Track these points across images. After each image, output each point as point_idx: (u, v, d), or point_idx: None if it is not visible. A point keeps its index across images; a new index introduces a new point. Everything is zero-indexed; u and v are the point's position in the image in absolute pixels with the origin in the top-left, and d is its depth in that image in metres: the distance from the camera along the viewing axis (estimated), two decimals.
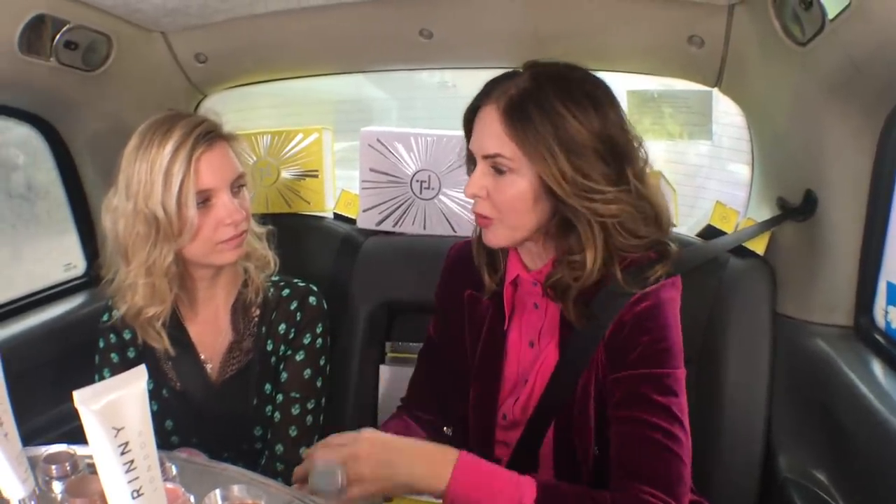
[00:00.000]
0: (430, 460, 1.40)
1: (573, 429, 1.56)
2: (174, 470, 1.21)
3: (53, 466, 1.19)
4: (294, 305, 2.03)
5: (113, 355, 2.03)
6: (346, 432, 1.46)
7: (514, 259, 1.70)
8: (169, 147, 1.76)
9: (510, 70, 1.59)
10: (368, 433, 1.43)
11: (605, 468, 1.52)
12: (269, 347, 2.01)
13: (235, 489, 1.10)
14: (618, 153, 1.50)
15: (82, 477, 1.14)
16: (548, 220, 1.54)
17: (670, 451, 1.44)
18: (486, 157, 1.52)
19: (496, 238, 1.58)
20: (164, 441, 1.99)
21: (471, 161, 1.63)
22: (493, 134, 1.50)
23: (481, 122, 1.54)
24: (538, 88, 1.48)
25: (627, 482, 1.43)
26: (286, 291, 2.05)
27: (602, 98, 1.52)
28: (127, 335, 2.01)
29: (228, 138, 1.89)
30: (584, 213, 1.47)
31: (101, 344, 2.04)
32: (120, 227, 1.84)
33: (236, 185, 1.87)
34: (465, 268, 1.78)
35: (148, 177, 1.76)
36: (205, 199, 1.81)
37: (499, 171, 1.50)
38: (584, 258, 1.50)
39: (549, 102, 1.46)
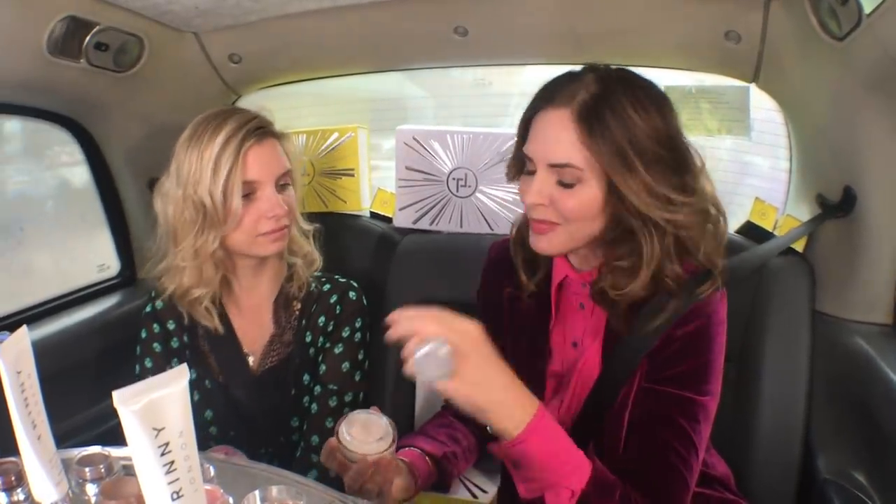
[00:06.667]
0: (516, 400, 1.34)
1: (605, 438, 1.53)
2: (212, 471, 1.21)
3: (87, 468, 1.18)
4: (334, 299, 2.07)
5: (155, 345, 2.08)
6: (454, 315, 1.35)
7: (561, 259, 1.66)
8: (220, 138, 1.84)
9: (568, 71, 1.52)
10: (477, 331, 1.32)
11: None
12: (308, 339, 2.05)
13: (274, 490, 1.10)
14: (681, 160, 1.46)
15: (117, 479, 1.14)
16: (607, 230, 1.49)
17: (682, 477, 1.43)
18: (552, 165, 1.46)
19: (553, 245, 1.53)
20: (204, 431, 2.04)
21: (517, 163, 1.60)
22: (564, 141, 1.43)
23: (547, 127, 1.47)
24: (610, 92, 1.42)
25: (633, 492, 1.41)
26: (327, 286, 2.10)
27: (662, 101, 1.47)
28: (171, 325, 2.08)
29: (279, 136, 1.97)
30: (661, 225, 1.43)
31: (144, 334, 2.10)
32: (170, 211, 1.93)
33: (282, 182, 1.94)
34: (506, 267, 1.75)
35: (198, 165, 1.85)
36: (250, 192, 1.88)
37: (563, 183, 1.45)
38: (635, 268, 1.47)
39: (623, 107, 1.40)
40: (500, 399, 1.33)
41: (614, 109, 1.40)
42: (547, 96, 1.49)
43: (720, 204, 1.55)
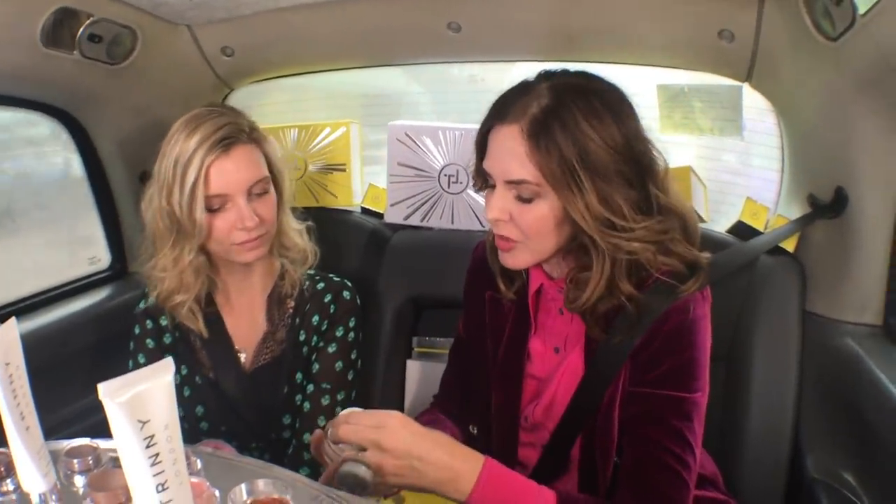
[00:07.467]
0: (454, 473, 1.36)
1: (595, 437, 1.53)
2: (199, 464, 1.22)
3: (75, 460, 1.20)
4: (328, 298, 2.06)
5: (149, 341, 2.07)
6: (374, 412, 1.41)
7: (535, 268, 1.64)
8: (189, 147, 1.81)
9: (522, 81, 1.49)
10: (397, 422, 1.36)
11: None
12: (302, 337, 2.05)
13: (261, 483, 1.09)
14: (640, 170, 1.43)
15: (105, 471, 1.13)
16: (568, 242, 1.48)
17: (679, 476, 1.42)
18: (508, 182, 1.44)
19: (517, 261, 1.52)
20: (194, 426, 2.04)
21: (480, 177, 1.56)
22: (517, 158, 1.40)
23: (501, 143, 1.44)
24: (561, 105, 1.39)
25: (635, 501, 1.42)
26: (321, 285, 2.09)
27: (621, 107, 1.44)
28: (163, 321, 2.06)
29: (256, 141, 1.92)
30: (602, 248, 1.42)
31: (137, 330, 2.09)
32: (149, 218, 1.92)
33: (256, 190, 1.89)
34: (488, 268, 1.72)
35: (171, 174, 1.82)
36: (220, 204, 1.85)
37: (522, 199, 1.43)
38: (588, 281, 1.47)
39: (575, 120, 1.37)
40: (440, 478, 1.36)
41: (565, 123, 1.37)
42: (501, 111, 1.46)
43: (690, 211, 1.54)
